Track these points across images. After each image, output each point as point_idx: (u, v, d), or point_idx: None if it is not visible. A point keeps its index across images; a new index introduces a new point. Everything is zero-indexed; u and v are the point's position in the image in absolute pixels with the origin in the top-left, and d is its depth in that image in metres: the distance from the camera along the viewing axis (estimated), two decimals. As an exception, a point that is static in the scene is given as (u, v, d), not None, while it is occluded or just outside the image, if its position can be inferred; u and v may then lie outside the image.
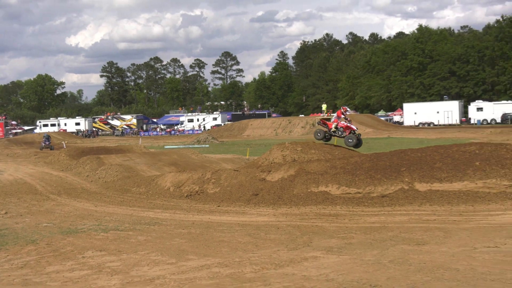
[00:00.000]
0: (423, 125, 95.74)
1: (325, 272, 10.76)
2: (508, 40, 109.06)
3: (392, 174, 19.73)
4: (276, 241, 14.03)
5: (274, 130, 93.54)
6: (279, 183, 21.06)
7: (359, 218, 16.67)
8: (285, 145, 27.06)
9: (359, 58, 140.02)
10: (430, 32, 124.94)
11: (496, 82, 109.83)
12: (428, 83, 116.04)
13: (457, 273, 10.18)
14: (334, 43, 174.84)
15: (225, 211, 19.46)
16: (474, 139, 49.93)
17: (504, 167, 19.04)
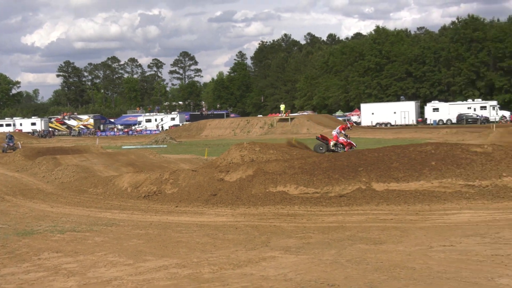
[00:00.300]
0: (380, 125, 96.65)
1: (283, 272, 10.78)
2: (463, 41, 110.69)
3: (350, 174, 19.86)
4: (235, 241, 14.02)
5: (233, 130, 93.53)
6: (237, 183, 21.04)
7: (317, 218, 16.74)
8: (243, 145, 27.07)
9: (317, 58, 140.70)
10: (387, 33, 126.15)
11: (451, 83, 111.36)
12: (385, 84, 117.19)
13: (413, 272, 10.29)
14: (292, 43, 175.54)
15: (183, 211, 19.38)
16: (430, 139, 50.50)
17: (460, 167, 19.31)
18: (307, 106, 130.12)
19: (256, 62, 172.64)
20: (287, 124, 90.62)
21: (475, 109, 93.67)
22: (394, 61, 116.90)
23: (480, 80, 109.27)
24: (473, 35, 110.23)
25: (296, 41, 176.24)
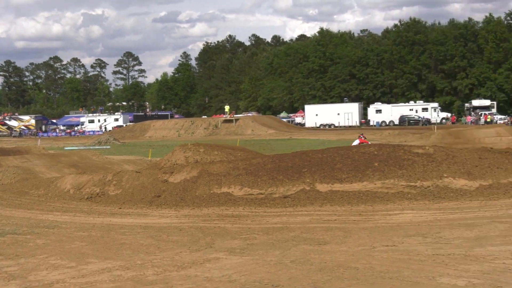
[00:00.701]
0: (324, 126, 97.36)
1: (227, 273, 10.77)
2: (405, 44, 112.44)
3: (294, 175, 19.95)
4: (179, 243, 13.95)
5: (177, 131, 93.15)
6: (181, 184, 20.95)
7: (262, 219, 16.77)
8: (187, 146, 26.98)
9: (261, 60, 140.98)
10: (331, 35, 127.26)
11: (394, 84, 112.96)
12: (329, 85, 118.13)
13: (356, 272, 10.39)
14: (237, 44, 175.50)
15: (127, 213, 19.20)
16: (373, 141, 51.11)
17: (402, 168, 19.58)
18: (251, 107, 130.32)
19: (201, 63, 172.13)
20: (232, 125, 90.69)
21: (417, 111, 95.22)
22: (338, 63, 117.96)
23: (422, 83, 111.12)
24: (415, 38, 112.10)
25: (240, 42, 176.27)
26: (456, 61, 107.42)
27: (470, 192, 18.59)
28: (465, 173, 19.56)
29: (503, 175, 19.68)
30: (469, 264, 10.64)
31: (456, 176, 19.31)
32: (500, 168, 20.19)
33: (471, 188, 18.80)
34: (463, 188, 18.80)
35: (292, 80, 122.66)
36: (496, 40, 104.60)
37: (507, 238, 12.73)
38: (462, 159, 20.63)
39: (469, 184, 19.01)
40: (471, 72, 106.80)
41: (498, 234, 13.18)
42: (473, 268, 10.35)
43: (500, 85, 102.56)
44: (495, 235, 13.10)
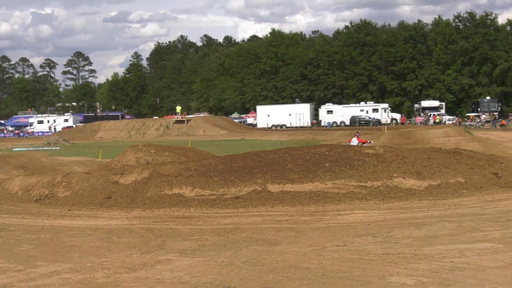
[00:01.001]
0: (276, 127, 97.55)
1: (178, 274, 10.73)
2: (356, 45, 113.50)
3: (246, 176, 19.97)
4: (129, 245, 13.84)
5: (128, 132, 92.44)
6: (132, 185, 20.79)
7: (213, 220, 16.74)
8: (138, 147, 26.81)
9: (213, 60, 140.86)
10: (283, 36, 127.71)
11: (345, 85, 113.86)
12: (280, 86, 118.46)
13: (308, 272, 10.44)
14: (189, 45, 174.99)
15: (77, 215, 18.97)
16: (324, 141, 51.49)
17: (352, 168, 19.76)
18: (203, 107, 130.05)
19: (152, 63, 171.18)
20: (183, 126, 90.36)
21: (368, 112, 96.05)
22: (290, 63, 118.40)
23: (373, 84, 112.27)
24: (366, 40, 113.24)
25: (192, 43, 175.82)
26: (405, 62, 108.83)
27: (419, 191, 18.86)
28: (415, 173, 19.82)
29: (451, 175, 20.01)
30: (418, 263, 10.78)
31: (405, 176, 19.56)
32: (449, 168, 20.52)
33: (420, 188, 19.07)
34: (412, 188, 19.05)
35: (244, 80, 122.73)
36: (445, 42, 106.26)
37: (455, 237, 12.94)
38: (412, 159, 20.91)
39: (418, 184, 19.28)
40: (420, 73, 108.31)
41: (446, 233, 13.38)
42: (422, 267, 10.50)
43: (448, 86, 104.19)
44: (444, 234, 13.29)
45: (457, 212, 16.08)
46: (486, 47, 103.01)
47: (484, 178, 20.27)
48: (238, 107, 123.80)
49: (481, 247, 11.91)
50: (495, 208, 16.50)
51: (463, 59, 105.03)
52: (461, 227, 14.03)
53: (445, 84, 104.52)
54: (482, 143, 42.16)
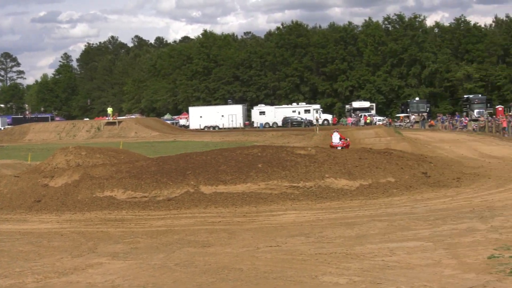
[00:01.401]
0: (209, 128, 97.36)
1: (110, 278, 10.61)
2: (288, 47, 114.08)
3: (178, 178, 19.90)
4: (60, 249, 13.61)
5: (58, 134, 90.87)
6: (62, 188, 20.47)
7: (145, 222, 16.62)
8: (69, 149, 26.40)
9: (145, 61, 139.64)
10: (215, 37, 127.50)
11: (277, 86, 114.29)
12: (213, 87, 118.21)
13: (241, 273, 10.46)
14: (120, 46, 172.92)
15: (5, 219, 18.55)
16: (257, 142, 51.61)
17: (285, 169, 19.89)
18: (135, 109, 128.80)
19: (82, 64, 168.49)
20: (115, 128, 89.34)
21: (300, 113, 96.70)
22: (222, 65, 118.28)
23: (304, 85, 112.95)
24: (297, 41, 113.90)
25: (123, 44, 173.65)
26: (336, 63, 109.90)
27: (351, 191, 19.12)
28: (346, 173, 20.10)
29: (381, 175, 20.35)
30: (350, 262, 10.92)
31: (337, 177, 19.81)
32: (379, 168, 20.88)
33: (352, 188, 19.34)
34: (344, 188, 19.31)
35: (176, 82, 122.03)
36: (375, 43, 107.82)
37: (385, 236, 13.15)
38: (343, 160, 21.19)
39: (350, 184, 19.55)
40: (351, 75, 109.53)
41: (377, 232, 13.59)
42: (354, 266, 10.63)
43: (378, 87, 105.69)
44: (375, 233, 13.50)
45: (387, 212, 16.36)
46: (415, 49, 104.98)
47: (413, 177, 20.70)
48: (170, 109, 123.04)
49: (411, 245, 12.14)
50: (424, 207, 16.85)
51: (393, 61, 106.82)
52: (392, 226, 14.27)
53: (375, 85, 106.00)
54: (411, 143, 42.93)
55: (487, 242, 12.11)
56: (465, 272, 10.00)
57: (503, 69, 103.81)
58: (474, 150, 36.99)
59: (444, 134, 60.99)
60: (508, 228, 13.38)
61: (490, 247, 11.60)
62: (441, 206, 16.85)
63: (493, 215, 15.06)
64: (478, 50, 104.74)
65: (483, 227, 13.63)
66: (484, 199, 17.69)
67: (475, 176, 22.02)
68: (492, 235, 12.77)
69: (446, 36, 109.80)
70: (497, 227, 13.53)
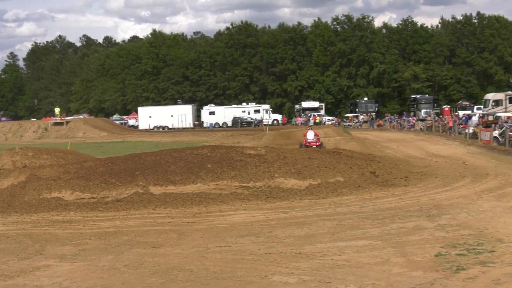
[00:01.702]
0: (158, 128, 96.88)
1: (58, 280, 10.49)
2: (237, 47, 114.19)
3: (127, 178, 19.76)
4: (6, 251, 13.38)
5: (4, 134, 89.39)
6: (8, 190, 20.15)
7: (94, 224, 16.46)
8: (15, 150, 25.97)
9: (93, 61, 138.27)
10: (164, 37, 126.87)
11: (227, 86, 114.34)
12: (162, 87, 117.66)
13: (190, 274, 10.44)
14: (67, 45, 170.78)
15: None
16: (207, 142, 51.55)
17: (235, 169, 19.91)
18: (83, 109, 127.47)
19: (29, 64, 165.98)
20: (63, 128, 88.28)
21: (250, 113, 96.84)
22: (171, 64, 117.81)
23: (254, 85, 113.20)
24: (247, 41, 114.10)
25: (71, 43, 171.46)
26: (286, 63, 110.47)
27: (300, 191, 19.22)
28: (296, 173, 20.20)
29: (331, 174, 20.51)
30: (299, 262, 10.98)
31: (287, 176, 19.90)
32: (328, 167, 21.03)
33: (301, 188, 19.44)
34: (293, 187, 19.40)
35: (125, 81, 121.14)
36: (324, 44, 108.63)
37: (335, 235, 13.25)
38: (293, 160, 21.29)
39: (300, 183, 19.65)
40: (300, 75, 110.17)
41: (326, 232, 13.69)
42: (304, 265, 10.70)
43: (327, 88, 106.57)
44: (324, 233, 13.60)
45: (337, 211, 16.49)
46: (363, 49, 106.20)
47: (362, 177, 20.90)
48: (119, 109, 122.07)
49: (360, 244, 12.26)
50: (373, 206, 17.03)
51: (342, 61, 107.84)
52: (341, 225, 14.39)
53: (324, 85, 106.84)
54: (360, 143, 43.38)
55: (434, 240, 12.30)
56: (412, 270, 10.14)
57: (449, 69, 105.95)
58: (421, 149, 37.57)
59: (392, 133, 61.83)
60: (455, 226, 13.62)
61: (437, 245, 11.79)
62: (389, 205, 17.05)
63: (440, 214, 15.31)
64: (425, 51, 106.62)
65: (430, 226, 13.84)
66: (431, 198, 17.96)
67: (423, 175, 22.32)
68: (439, 233, 12.97)
69: (394, 36, 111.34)
70: (444, 225, 13.76)
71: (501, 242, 11.94)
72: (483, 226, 13.58)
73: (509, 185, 20.23)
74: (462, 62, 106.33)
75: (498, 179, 21.48)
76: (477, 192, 18.97)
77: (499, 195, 18.37)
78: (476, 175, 22.56)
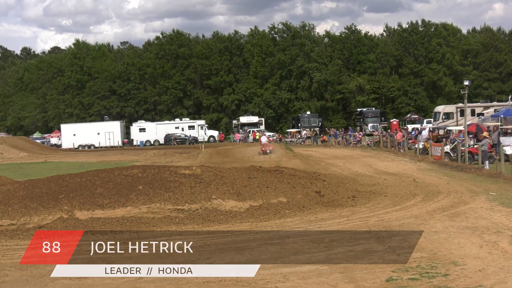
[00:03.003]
0: (83, 147, 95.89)
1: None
2: (169, 58, 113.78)
3: (50, 202, 19.45)
4: None
5: None
6: None
7: (14, 253, 16.12)
8: None
9: (10, 74, 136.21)
10: (88, 47, 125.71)
11: (158, 101, 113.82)
12: (87, 102, 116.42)
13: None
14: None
15: None
16: (137, 162, 51.15)
17: (168, 191, 19.80)
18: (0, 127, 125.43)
19: None
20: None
21: (183, 129, 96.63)
22: (97, 78, 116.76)
23: (188, 99, 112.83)
24: (179, 52, 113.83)
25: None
26: (221, 75, 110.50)
27: (240, 213, 19.22)
28: (235, 194, 20.20)
29: (272, 195, 20.57)
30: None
31: (225, 198, 19.88)
32: (270, 187, 21.10)
33: (241, 210, 19.45)
34: (233, 209, 19.39)
35: (46, 96, 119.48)
36: (262, 54, 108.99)
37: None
38: (231, 179, 21.29)
39: (239, 205, 19.65)
40: (237, 88, 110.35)
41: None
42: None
43: (267, 101, 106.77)
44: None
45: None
46: (303, 59, 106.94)
47: (306, 197, 21.02)
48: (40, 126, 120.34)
49: (306, 270, 12.30)
50: (318, 228, 17.13)
51: (281, 72, 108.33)
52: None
53: (263, 98, 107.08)
54: (303, 160, 43.62)
55: (384, 264, 12.41)
56: (362, 296, 10.21)
57: (395, 80, 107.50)
58: (369, 166, 37.98)
59: (338, 150, 62.36)
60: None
61: (388, 269, 11.91)
62: (336, 227, 17.17)
63: (390, 235, 15.43)
64: (370, 61, 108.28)
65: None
66: (381, 218, 18.17)
67: (371, 194, 22.58)
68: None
69: (337, 46, 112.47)
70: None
71: (456, 264, 12.13)
72: (436, 248, 13.78)
73: (462, 203, 20.62)
74: (410, 72, 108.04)
75: (451, 197, 21.87)
76: (429, 211, 19.27)
77: (452, 214, 18.70)
78: (428, 193, 22.93)
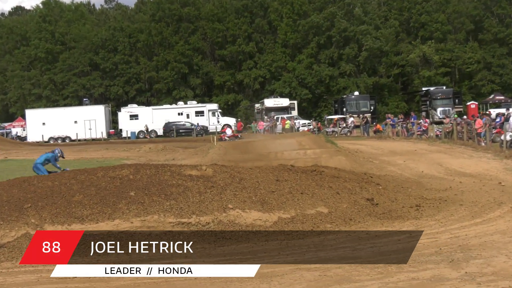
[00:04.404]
0: (56, 140, 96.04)
1: None
2: (169, 21, 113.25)
3: (12, 214, 19.47)
4: None
5: None
6: None
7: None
8: None
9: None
10: (62, 8, 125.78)
11: (155, 78, 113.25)
12: (61, 81, 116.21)
13: None
14: None
15: None
16: (128, 160, 51.26)
17: (169, 198, 19.73)
18: None
19: None
20: None
21: (189, 116, 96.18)
22: (73, 47, 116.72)
23: (195, 75, 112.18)
24: (183, 12, 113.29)
25: None
26: (239, 44, 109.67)
27: (265, 228, 19.13)
28: (258, 202, 20.11)
29: (309, 204, 20.45)
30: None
31: (245, 207, 19.79)
32: (305, 193, 20.98)
33: (267, 223, 19.36)
34: (256, 223, 19.30)
35: (6, 73, 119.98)
36: (293, 15, 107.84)
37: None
38: (254, 183, 21.21)
39: (264, 217, 19.56)
40: (261, 60, 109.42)
41: (305, 286, 13.62)
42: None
43: (301, 78, 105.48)
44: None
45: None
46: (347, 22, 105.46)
47: (354, 206, 20.90)
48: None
49: (354, 304, 12.22)
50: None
51: (319, 40, 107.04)
52: (326, 277, 14.35)
53: (296, 74, 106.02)
54: (350, 157, 43.44)
55: (460, 296, 12.32)
56: None
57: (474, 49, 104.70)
58: (438, 165, 37.73)
59: (396, 143, 62.12)
60: (489, 276, 13.65)
61: (466, 303, 11.80)
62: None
63: (467, 258, 15.35)
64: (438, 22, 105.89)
65: (454, 275, 13.86)
66: (455, 235, 18.04)
67: (441, 202, 22.44)
68: (468, 285, 12.99)
69: (394, 3, 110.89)
70: (474, 275, 13.79)
71: None
72: (530, 274, 13.64)
73: None
74: (493, 39, 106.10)
75: (550, 207, 21.66)
76: (520, 225, 19.10)
77: (550, 229, 18.52)
78: (518, 200, 22.73)
